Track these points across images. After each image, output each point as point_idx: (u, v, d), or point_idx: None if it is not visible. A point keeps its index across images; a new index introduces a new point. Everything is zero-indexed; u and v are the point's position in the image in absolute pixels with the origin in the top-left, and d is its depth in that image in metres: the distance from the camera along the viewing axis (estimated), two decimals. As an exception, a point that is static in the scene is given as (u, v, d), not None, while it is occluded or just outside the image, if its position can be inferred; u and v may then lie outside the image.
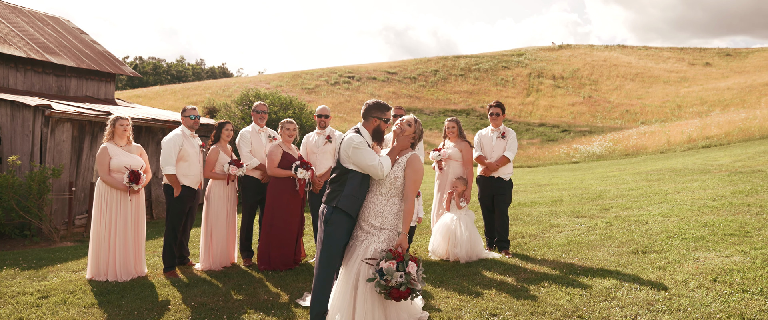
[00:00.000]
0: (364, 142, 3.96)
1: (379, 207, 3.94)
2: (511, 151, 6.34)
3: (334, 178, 4.06)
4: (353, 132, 4.05)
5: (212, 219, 6.20)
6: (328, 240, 3.97)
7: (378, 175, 3.90)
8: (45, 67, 12.24)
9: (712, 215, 7.37)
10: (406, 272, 3.69)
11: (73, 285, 5.65)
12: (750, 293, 4.28)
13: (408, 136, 4.07)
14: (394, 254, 3.75)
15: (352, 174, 3.95)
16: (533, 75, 50.46)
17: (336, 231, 3.94)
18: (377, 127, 4.11)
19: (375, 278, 3.70)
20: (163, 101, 36.99)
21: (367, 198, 3.99)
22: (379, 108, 4.12)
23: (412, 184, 3.93)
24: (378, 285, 3.67)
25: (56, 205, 9.57)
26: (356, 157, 3.89)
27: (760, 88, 38.39)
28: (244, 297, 5.04)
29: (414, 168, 3.95)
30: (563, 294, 4.59)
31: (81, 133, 10.12)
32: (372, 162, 3.87)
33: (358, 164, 3.91)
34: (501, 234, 6.30)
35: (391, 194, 3.96)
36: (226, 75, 70.90)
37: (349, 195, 3.94)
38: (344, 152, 3.96)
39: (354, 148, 3.90)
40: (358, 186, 3.96)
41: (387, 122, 4.12)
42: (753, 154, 15.36)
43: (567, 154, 26.64)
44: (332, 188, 4.05)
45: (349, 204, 3.95)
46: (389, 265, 3.66)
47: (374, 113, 4.10)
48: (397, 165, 3.98)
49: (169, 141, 5.90)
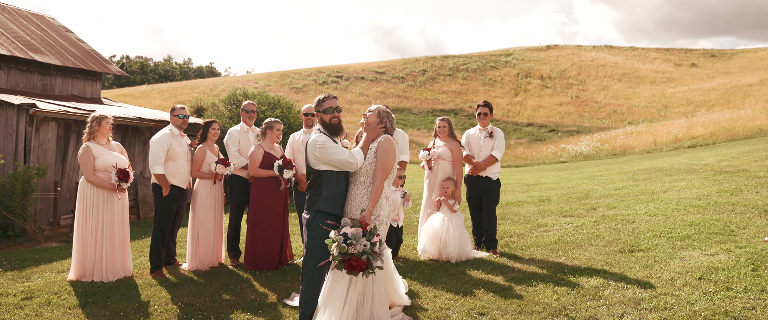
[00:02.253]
0: (328, 139, 3.94)
1: (360, 196, 3.94)
2: (499, 151, 6.35)
3: (310, 183, 4.05)
4: (315, 133, 4.05)
5: (199, 218, 6.15)
6: (313, 244, 3.95)
7: (352, 167, 3.89)
8: (29, 65, 12.07)
9: (698, 214, 7.45)
10: (371, 242, 3.65)
11: (58, 285, 5.57)
12: (734, 291, 4.32)
13: (373, 124, 4.05)
14: (361, 222, 3.72)
15: (325, 174, 3.94)
16: (521, 75, 50.71)
17: (321, 235, 3.90)
18: (328, 121, 4.09)
19: (336, 241, 3.62)
20: (150, 100, 36.68)
21: (349, 191, 3.99)
22: (319, 103, 4.13)
23: (382, 165, 3.91)
24: (337, 249, 3.59)
25: (41, 205, 9.45)
26: (324, 155, 3.88)
27: (744, 89, 38.90)
28: (232, 298, 5.01)
29: (384, 148, 3.94)
30: (551, 293, 4.61)
31: (66, 132, 10.00)
32: (341, 156, 3.86)
33: (328, 162, 3.89)
34: (489, 233, 6.32)
35: (370, 181, 3.95)
36: (213, 74, 70.48)
37: (328, 196, 3.93)
38: (312, 155, 3.95)
39: (319, 147, 3.90)
40: (335, 185, 3.95)
41: (334, 111, 4.08)
42: (737, 154, 15.56)
43: (555, 154, 26.81)
44: (311, 193, 4.03)
45: (330, 204, 3.93)
46: (356, 231, 3.61)
47: (320, 108, 4.11)
48: (370, 153, 3.99)
49: (157, 140, 5.85)
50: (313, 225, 3.93)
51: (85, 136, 5.85)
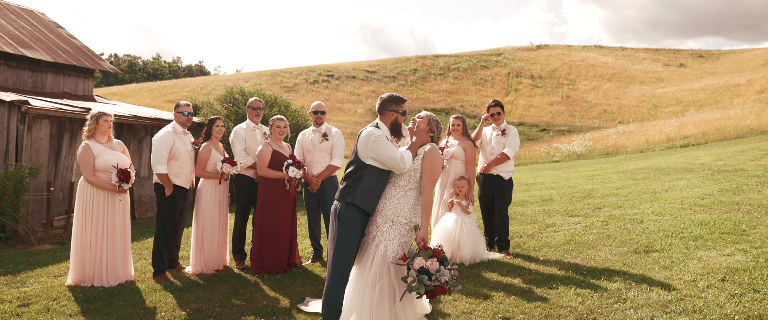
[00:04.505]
0: (384, 135, 3.83)
1: (395, 198, 3.82)
2: (512, 148, 6.22)
3: (350, 173, 3.90)
4: (372, 126, 3.93)
5: (203, 220, 5.94)
6: (342, 238, 3.80)
7: (399, 169, 3.77)
8: (19, 61, 11.75)
9: (705, 213, 7.39)
10: (449, 269, 3.53)
11: (56, 291, 5.34)
12: (762, 293, 4.23)
13: (424, 131, 3.96)
14: (434, 251, 3.56)
15: (369, 168, 3.81)
16: (512, 74, 50.83)
17: (351, 228, 3.79)
18: (394, 120, 3.99)
19: (414, 279, 3.46)
20: (140, 99, 36.21)
21: (387, 190, 3.87)
22: (394, 101, 4.00)
23: (430, 175, 3.82)
24: (421, 285, 3.44)
25: (33, 206, 9.16)
26: (376, 149, 3.76)
27: (732, 89, 39.30)
28: (242, 303, 4.82)
29: (431, 158, 3.83)
30: (574, 295, 4.49)
31: (60, 130, 9.72)
32: (393, 155, 3.73)
33: (378, 157, 3.77)
34: (501, 234, 6.19)
35: (410, 187, 3.85)
36: (203, 73, 69.86)
37: (366, 191, 3.80)
38: (363, 145, 3.82)
39: (374, 140, 3.77)
40: (375, 182, 3.82)
41: (404, 115, 4.00)
42: (732, 153, 15.62)
43: (547, 153, 26.81)
44: (347, 184, 3.88)
45: (366, 200, 3.81)
46: (434, 264, 3.46)
47: (390, 106, 3.98)
48: (416, 158, 3.89)
49: (160, 138, 5.61)
50: (344, 217, 3.79)
51: (85, 134, 5.59)
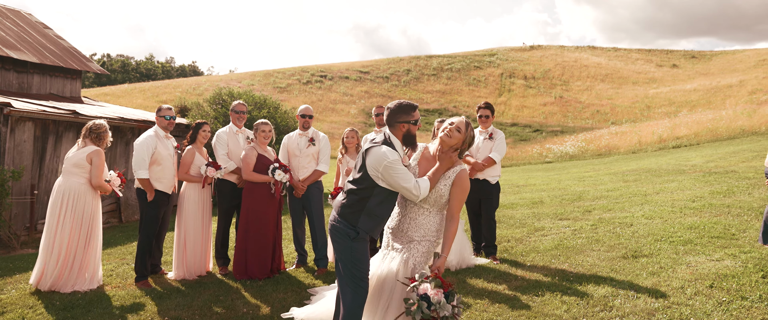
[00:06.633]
0: (398, 159, 3.37)
1: (421, 218, 3.49)
2: (499, 153, 6.14)
3: (355, 191, 3.48)
4: (382, 142, 3.43)
5: (186, 225, 5.83)
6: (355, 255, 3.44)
7: (412, 198, 3.40)
8: (4, 62, 11.59)
9: (695, 217, 7.35)
10: (455, 305, 3.25)
11: (33, 299, 5.22)
12: (750, 300, 4.17)
13: (454, 146, 3.47)
14: (444, 283, 3.28)
15: (378, 189, 3.41)
16: (505, 75, 50.87)
17: (363, 248, 3.45)
18: (407, 132, 3.50)
19: (415, 303, 3.20)
20: (131, 99, 36.00)
21: (408, 209, 3.54)
22: (404, 110, 3.48)
23: (459, 203, 3.47)
24: (418, 312, 3.18)
25: (16, 209, 9.02)
26: (388, 176, 3.34)
27: (724, 90, 39.47)
28: (223, 310, 4.72)
29: (462, 187, 3.46)
30: (559, 303, 4.41)
31: (44, 133, 9.58)
32: (407, 184, 3.33)
33: (390, 184, 3.38)
34: (488, 239, 6.11)
35: (434, 210, 3.52)
36: (196, 73, 69.63)
37: (372, 214, 3.45)
38: (374, 169, 3.37)
39: (386, 166, 3.32)
40: (379, 204, 3.44)
41: (416, 124, 3.52)
42: (724, 155, 15.64)
43: (540, 154, 26.80)
44: (351, 200, 3.48)
45: (370, 224, 3.46)
46: (438, 296, 3.19)
47: (400, 118, 3.47)
48: (443, 181, 3.46)
49: (141, 143, 5.54)
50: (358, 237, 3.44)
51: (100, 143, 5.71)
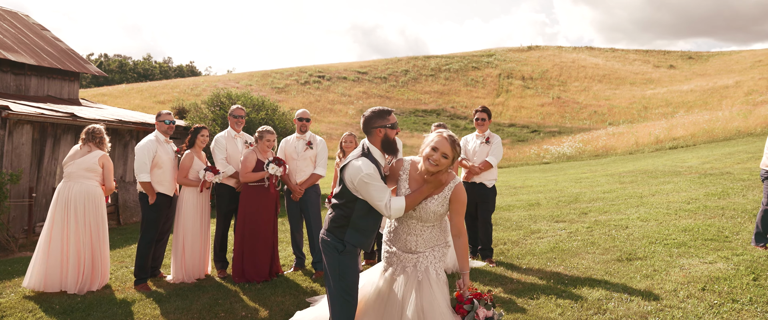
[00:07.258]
0: (374, 173, 3.29)
1: (427, 233, 3.43)
2: (495, 156, 6.19)
3: (338, 205, 3.44)
4: (360, 155, 3.38)
5: (184, 228, 5.88)
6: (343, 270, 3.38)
7: (383, 214, 3.31)
8: (2, 64, 11.61)
9: (690, 219, 7.42)
10: (496, 313, 3.28)
11: (32, 303, 5.26)
12: (740, 303, 4.24)
13: (443, 169, 3.31)
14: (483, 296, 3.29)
15: (359, 203, 3.36)
16: (503, 76, 50.97)
17: (352, 261, 3.41)
18: (384, 137, 3.41)
19: None
20: (129, 100, 35.98)
21: (409, 226, 3.44)
22: (378, 115, 3.41)
23: (461, 217, 3.41)
24: None
25: (15, 212, 9.05)
26: (363, 190, 3.28)
27: (720, 91, 39.62)
28: (221, 314, 4.77)
29: (460, 200, 3.37)
30: (554, 306, 4.47)
31: (42, 136, 9.61)
32: (379, 202, 3.25)
33: (364, 197, 3.32)
34: (484, 242, 6.17)
35: (437, 224, 3.47)
36: (194, 73, 69.60)
37: (358, 228, 3.40)
38: (350, 182, 3.32)
39: (360, 180, 3.26)
40: (363, 217, 3.39)
41: (393, 128, 3.42)
42: (719, 156, 15.72)
43: (538, 155, 26.89)
44: (337, 214, 3.43)
45: (358, 238, 3.41)
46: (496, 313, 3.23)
47: (375, 123, 3.39)
48: (439, 200, 3.35)
49: (142, 147, 5.63)
50: (345, 251, 3.39)
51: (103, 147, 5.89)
